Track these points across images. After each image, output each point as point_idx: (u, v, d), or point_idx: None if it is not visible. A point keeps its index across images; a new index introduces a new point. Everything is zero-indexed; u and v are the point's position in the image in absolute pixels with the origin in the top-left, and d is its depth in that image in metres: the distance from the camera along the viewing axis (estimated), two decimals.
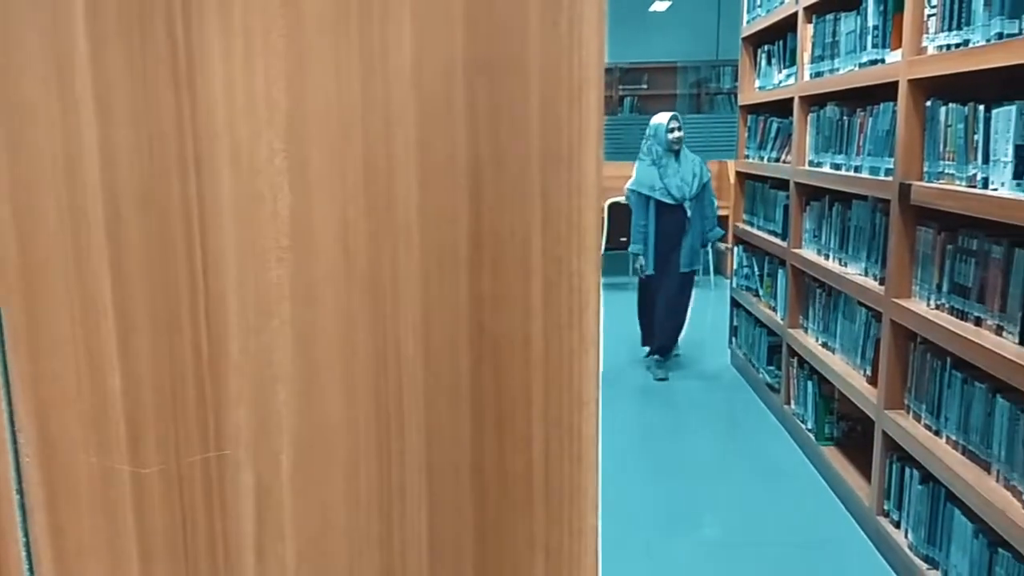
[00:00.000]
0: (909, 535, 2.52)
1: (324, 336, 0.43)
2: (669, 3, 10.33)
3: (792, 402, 3.71)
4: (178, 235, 0.41)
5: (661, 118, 4.40)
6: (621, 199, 6.97)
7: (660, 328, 4.57)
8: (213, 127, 0.41)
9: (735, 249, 4.73)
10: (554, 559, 0.44)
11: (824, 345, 3.35)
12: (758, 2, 4.22)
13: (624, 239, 7.08)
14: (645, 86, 9.81)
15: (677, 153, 4.33)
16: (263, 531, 0.44)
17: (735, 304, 4.70)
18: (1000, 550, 2.04)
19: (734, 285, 4.75)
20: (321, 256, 0.42)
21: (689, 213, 4.37)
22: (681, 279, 4.48)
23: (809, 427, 3.46)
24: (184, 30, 0.40)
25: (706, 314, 6.07)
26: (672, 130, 4.31)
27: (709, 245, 4.71)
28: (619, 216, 7.07)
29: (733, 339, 4.80)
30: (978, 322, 2.20)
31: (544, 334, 0.43)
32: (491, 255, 0.42)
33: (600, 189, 0.42)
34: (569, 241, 0.42)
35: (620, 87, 9.91)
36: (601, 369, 0.56)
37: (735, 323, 4.74)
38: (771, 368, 4.04)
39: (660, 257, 4.40)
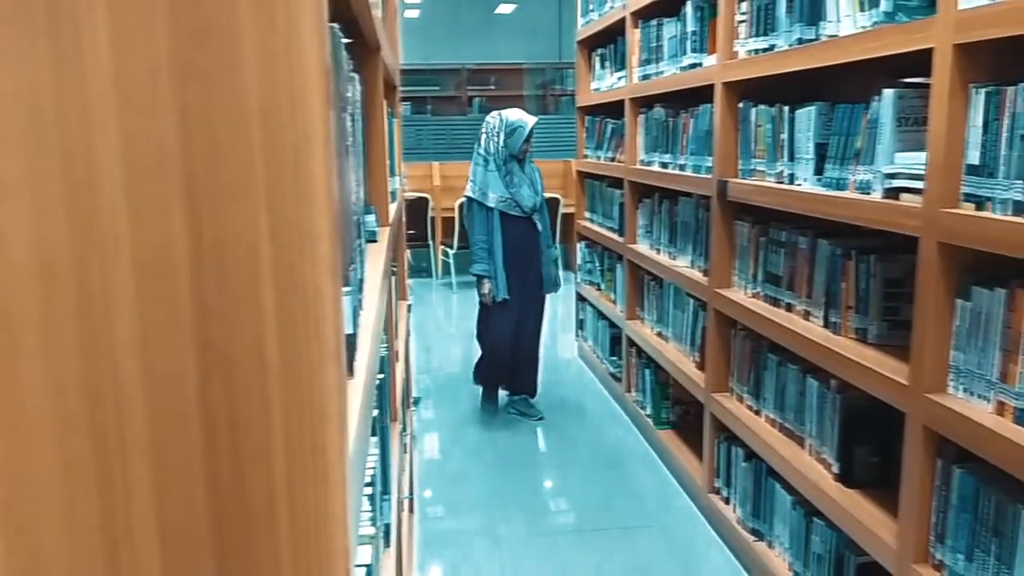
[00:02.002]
0: (737, 510, 2.68)
1: (27, 365, 0.38)
2: (515, 6, 10.51)
3: (633, 390, 3.86)
4: None
5: (522, 118, 3.67)
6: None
7: (527, 361, 3.94)
8: None
9: (579, 245, 4.87)
10: None
11: (659, 335, 3.51)
12: (591, 6, 4.35)
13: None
14: (493, 87, 9.92)
15: (521, 160, 3.77)
16: None
17: (580, 298, 4.84)
18: (815, 519, 2.20)
19: (579, 280, 4.88)
20: (17, 275, 0.38)
21: (540, 226, 3.81)
22: (542, 302, 3.91)
23: (648, 413, 3.61)
24: None
25: (556, 308, 6.21)
26: (529, 138, 3.68)
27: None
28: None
29: (580, 332, 4.94)
30: (789, 308, 2.37)
31: (280, 348, 0.41)
32: (215, 266, 0.39)
33: (332, 195, 0.41)
34: (301, 250, 0.40)
35: (468, 87, 9.97)
36: (360, 380, 0.54)
37: (581, 316, 4.88)
38: (613, 358, 4.19)
39: (513, 279, 3.75)
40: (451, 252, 7.20)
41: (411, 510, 2.67)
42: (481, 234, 3.71)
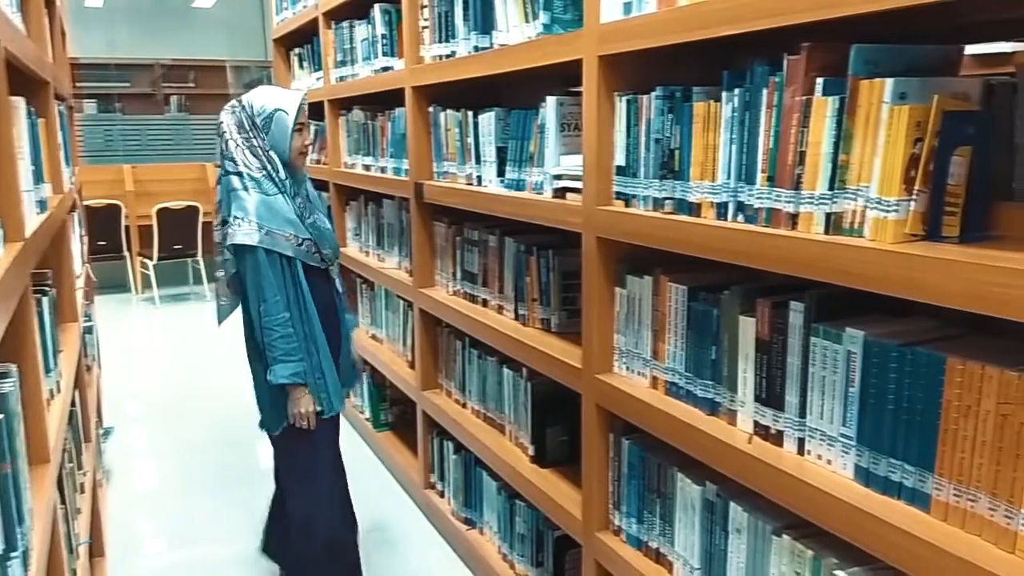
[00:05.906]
0: (451, 502, 2.76)
1: None
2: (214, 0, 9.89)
3: (352, 395, 3.82)
4: None
5: (279, 97, 2.14)
6: (172, 204, 6.45)
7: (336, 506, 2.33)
8: None
9: None
10: None
11: (373, 337, 3.51)
12: (285, 4, 4.21)
13: (179, 246, 6.50)
14: (192, 84, 9.27)
15: (296, 173, 2.18)
16: None
17: None
18: (517, 501, 2.32)
19: None
20: None
21: (340, 285, 2.32)
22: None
23: (367, 416, 3.60)
24: None
25: None
26: (301, 127, 2.15)
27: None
28: (171, 221, 6.55)
29: None
30: (485, 303, 2.48)
31: None
32: None
33: None
34: None
35: (164, 84, 9.23)
36: None
37: None
38: None
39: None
40: (151, 264, 6.61)
41: (98, 554, 2.40)
42: (280, 310, 2.03)
